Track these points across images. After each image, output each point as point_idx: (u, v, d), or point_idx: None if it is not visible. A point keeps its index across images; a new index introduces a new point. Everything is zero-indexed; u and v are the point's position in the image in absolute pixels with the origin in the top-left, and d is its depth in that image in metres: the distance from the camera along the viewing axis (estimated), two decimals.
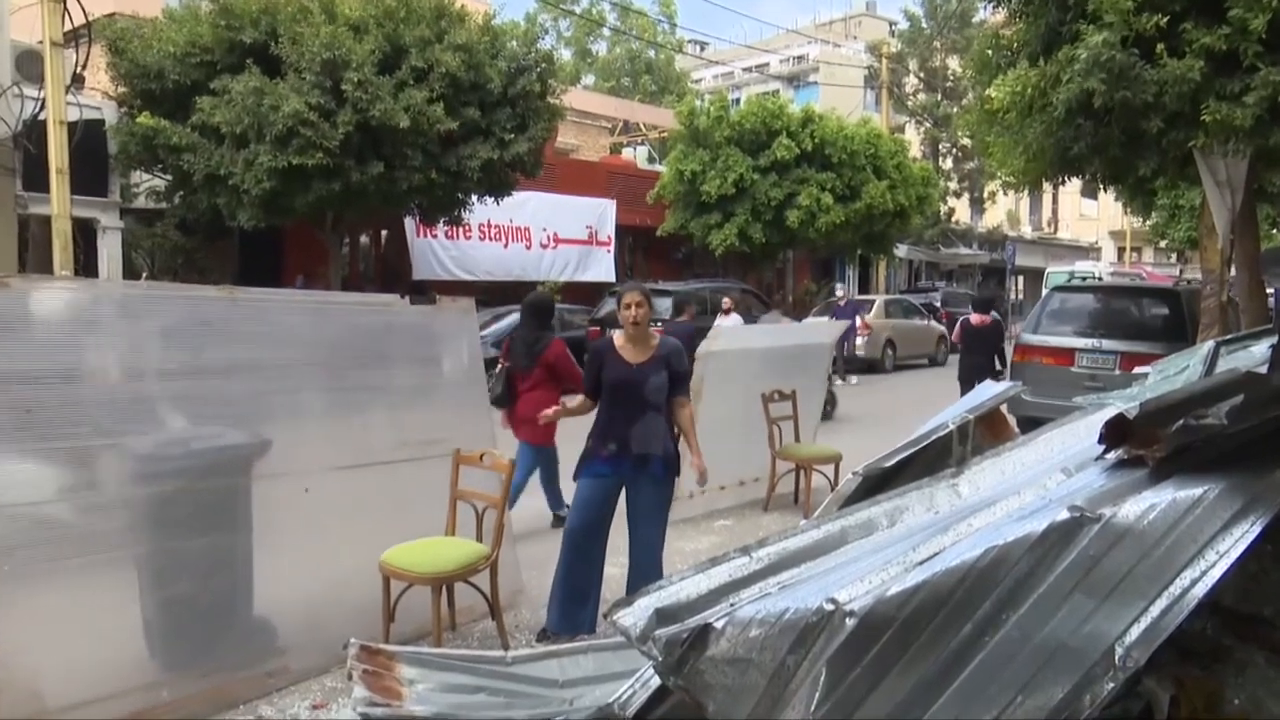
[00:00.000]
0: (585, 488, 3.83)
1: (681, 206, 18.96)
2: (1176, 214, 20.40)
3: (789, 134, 17.89)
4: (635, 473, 3.79)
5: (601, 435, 3.84)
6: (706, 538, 5.64)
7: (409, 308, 4.07)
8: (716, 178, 17.74)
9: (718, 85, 35.98)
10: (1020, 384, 4.09)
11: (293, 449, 3.60)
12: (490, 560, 3.68)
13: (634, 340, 3.87)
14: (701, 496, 6.09)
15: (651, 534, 3.85)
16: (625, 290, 3.87)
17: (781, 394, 6.40)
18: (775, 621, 1.65)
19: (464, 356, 4.37)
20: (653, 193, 19.45)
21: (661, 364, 3.83)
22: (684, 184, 18.34)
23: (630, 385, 3.79)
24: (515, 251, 17.61)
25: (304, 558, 3.62)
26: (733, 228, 17.95)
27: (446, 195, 12.55)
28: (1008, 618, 1.59)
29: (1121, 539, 1.63)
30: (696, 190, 18.10)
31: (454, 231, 15.69)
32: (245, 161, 10.98)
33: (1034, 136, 7.11)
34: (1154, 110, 6.34)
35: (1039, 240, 35.85)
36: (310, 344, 3.75)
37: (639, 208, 19.87)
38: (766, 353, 6.55)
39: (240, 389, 3.50)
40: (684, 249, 21.48)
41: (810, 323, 14.55)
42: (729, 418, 6.12)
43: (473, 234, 16.63)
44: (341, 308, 4.15)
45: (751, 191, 17.80)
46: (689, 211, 18.75)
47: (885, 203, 18.69)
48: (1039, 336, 8.37)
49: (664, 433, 3.85)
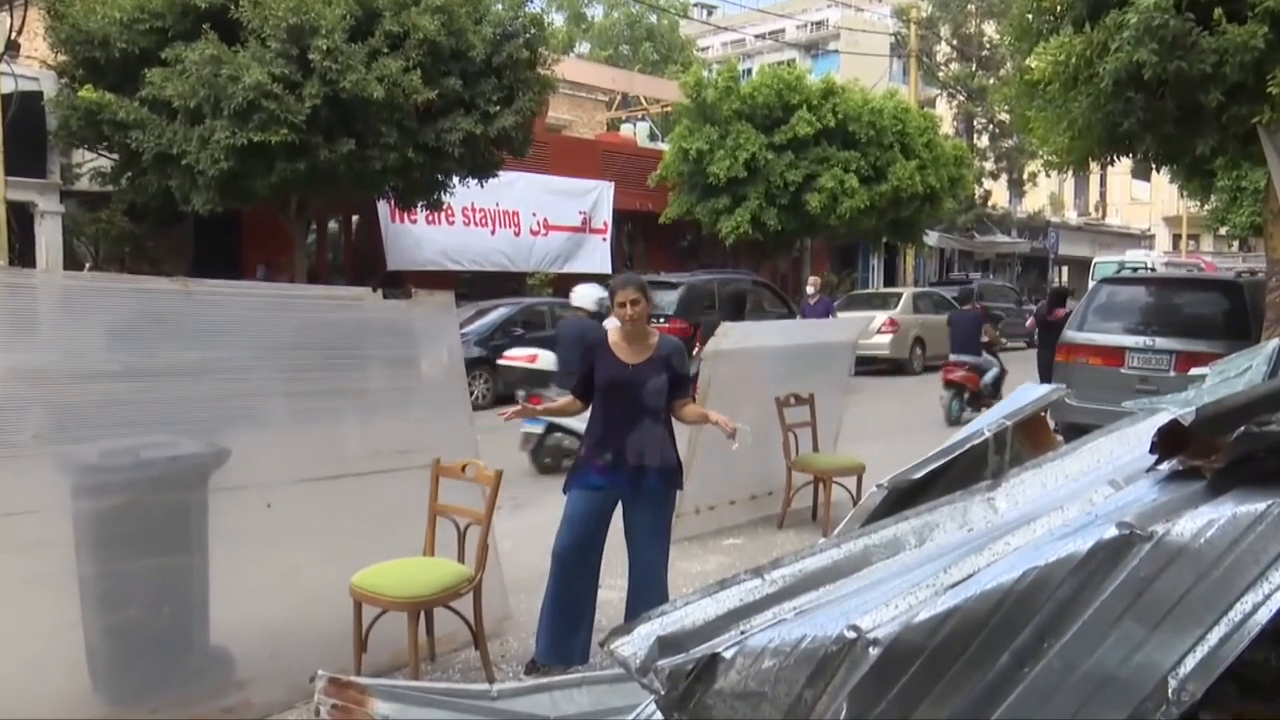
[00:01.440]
0: (577, 501, 3.83)
1: (686, 189, 18.97)
2: (1238, 197, 20.43)
3: (807, 108, 17.91)
4: (633, 486, 3.80)
5: (595, 443, 3.84)
6: (714, 558, 5.64)
7: (382, 302, 4.07)
8: (726, 157, 17.75)
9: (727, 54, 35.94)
10: (1064, 387, 4.09)
11: (253, 459, 3.60)
12: (473, 583, 3.68)
13: (630, 338, 3.87)
14: (709, 512, 6.09)
15: (652, 554, 3.86)
16: (619, 285, 3.88)
17: (798, 398, 6.40)
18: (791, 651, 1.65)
19: (444, 356, 4.37)
20: (654, 174, 19.47)
21: (661, 365, 3.84)
22: (689, 164, 18.36)
23: (625, 387, 3.79)
24: (501, 239, 17.62)
25: (266, 580, 3.62)
26: (744, 213, 17.97)
27: (425, 176, 12.58)
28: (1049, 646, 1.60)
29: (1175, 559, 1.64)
30: (703, 171, 18.12)
31: (433, 216, 15.70)
32: (200, 139, 11.00)
33: (1079, 111, 7.12)
34: (1213, 82, 6.34)
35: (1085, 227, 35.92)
36: (273, 342, 3.75)
37: (639, 191, 19.89)
38: (781, 352, 6.55)
39: (195, 392, 3.50)
40: (689, 237, 21.49)
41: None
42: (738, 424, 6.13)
43: (454, 219, 16.65)
44: (308, 302, 4.15)
45: (765, 172, 17.82)
46: (695, 195, 18.76)
47: (914, 185, 18.71)
48: (1085, 334, 8.35)
49: (664, 441, 3.85)
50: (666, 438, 3.88)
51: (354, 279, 15.87)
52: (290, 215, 13.06)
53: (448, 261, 16.55)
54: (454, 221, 16.60)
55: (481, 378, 12.16)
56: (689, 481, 5.34)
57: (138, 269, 12.83)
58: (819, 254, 24.85)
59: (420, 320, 4.27)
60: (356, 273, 16.56)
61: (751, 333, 6.74)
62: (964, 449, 2.85)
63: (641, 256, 21.57)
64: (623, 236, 21.09)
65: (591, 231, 19.19)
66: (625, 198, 19.64)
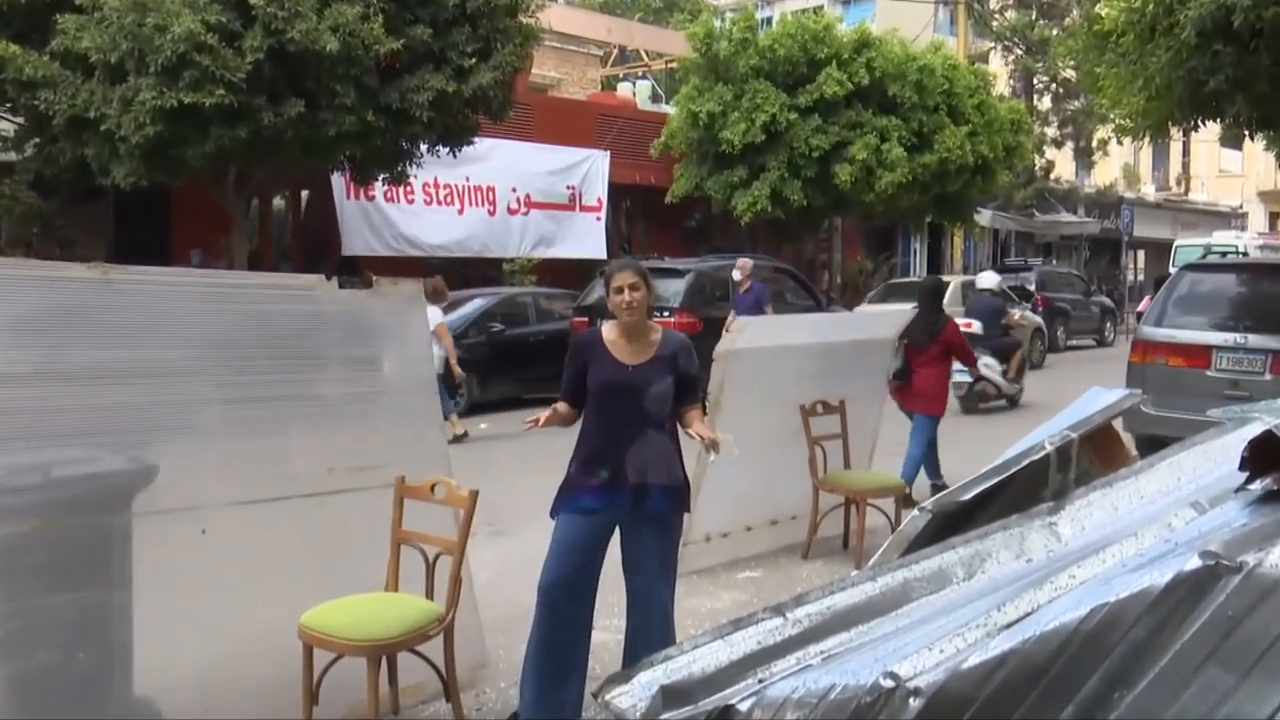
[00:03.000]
0: (567, 527, 3.83)
1: (695, 160, 19.00)
2: None
3: (837, 64, 17.95)
4: (633, 509, 3.80)
5: (588, 459, 3.85)
6: (728, 593, 5.65)
7: (338, 292, 4.08)
8: (741, 121, 17.78)
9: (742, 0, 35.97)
10: (1139, 392, 4.09)
11: (186, 478, 3.61)
12: (444, 623, 3.69)
13: (629, 333, 3.88)
14: (721, 541, 6.11)
15: (655, 589, 3.87)
16: (616, 270, 3.88)
17: (827, 405, 6.41)
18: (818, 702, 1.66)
19: (409, 356, 4.38)
20: (658, 142, 19.50)
21: (666, 365, 3.85)
22: (698, 130, 18.39)
23: (623, 392, 3.80)
24: (475, 219, 17.65)
25: (201, 619, 3.63)
26: (763, 187, 18.01)
27: (386, 144, 12.57)
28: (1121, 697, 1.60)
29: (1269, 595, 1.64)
30: (715, 138, 18.14)
31: (395, 192, 15.72)
32: (122, 100, 11.00)
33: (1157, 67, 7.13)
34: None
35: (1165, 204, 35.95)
36: (209, 340, 3.76)
37: (639, 161, 19.92)
38: (807, 351, 6.56)
39: (116, 399, 3.50)
40: (698, 216, 21.51)
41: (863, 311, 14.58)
42: (757, 437, 6.13)
43: (421, 195, 16.67)
44: (250, 292, 4.16)
45: (787, 140, 17.85)
46: (705, 167, 18.78)
47: (963, 154, 18.76)
48: (1164, 330, 8.35)
49: (670, 456, 3.86)
50: (673, 451, 3.88)
51: (303, 265, 15.89)
52: (228, 190, 13.07)
53: (409, 247, 16.61)
54: (418, 198, 16.62)
55: None
56: (698, 504, 5.37)
57: (47, 252, 12.83)
58: (851, 235, 24.90)
59: (383, 314, 4.28)
60: (306, 258, 16.58)
61: (772, 329, 6.75)
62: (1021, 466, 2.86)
63: (642, 239, 21.59)
64: (620, 215, 21.11)
65: (583, 209, 19.20)
66: (623, 169, 19.66)
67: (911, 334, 7.49)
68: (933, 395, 7.58)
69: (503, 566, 5.77)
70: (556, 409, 3.94)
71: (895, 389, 7.60)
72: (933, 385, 7.57)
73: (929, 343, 7.54)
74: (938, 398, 7.61)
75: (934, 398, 7.55)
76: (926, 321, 7.58)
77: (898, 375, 7.54)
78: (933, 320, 7.64)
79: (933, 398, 7.54)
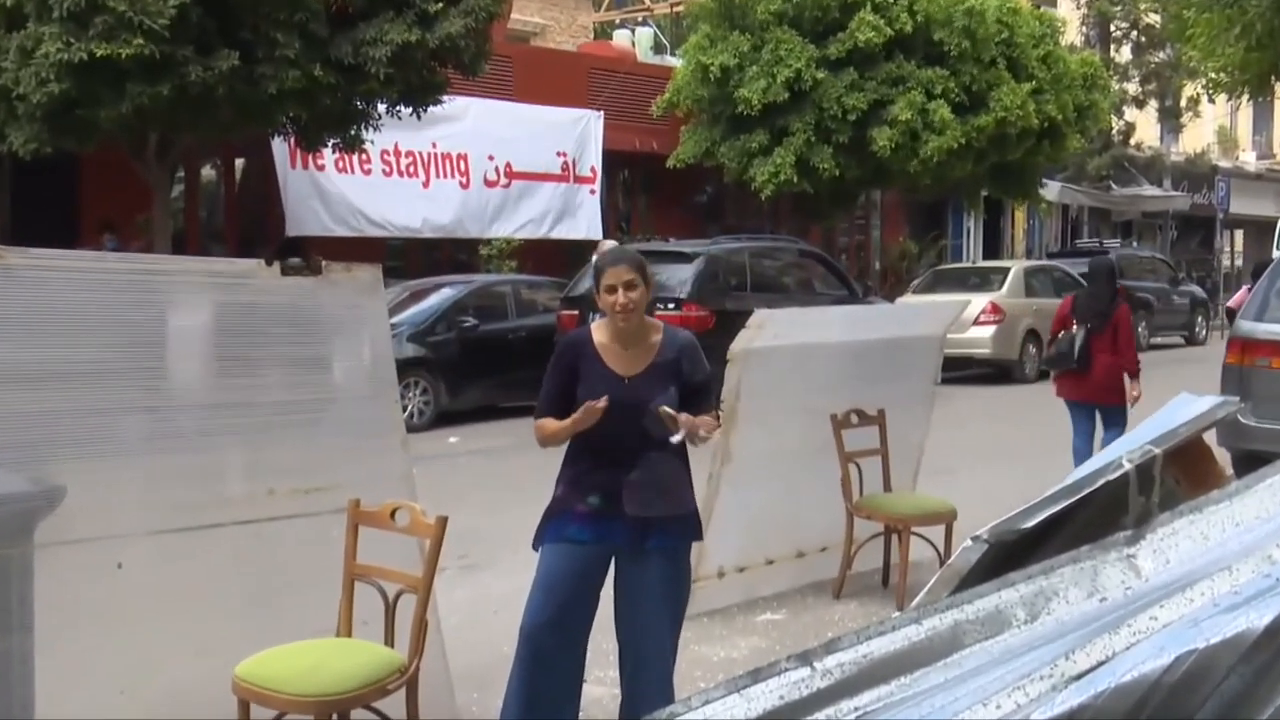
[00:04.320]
0: (554, 560, 3.84)
1: (706, 122, 19.01)
2: None
3: (873, 7, 17.97)
4: (632, 538, 3.81)
5: (578, 481, 3.85)
6: (745, 639, 5.66)
7: (280, 280, 4.07)
8: (761, 76, 17.81)
9: None
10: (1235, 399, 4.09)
11: (99, 502, 3.60)
12: (406, 674, 3.68)
13: (624, 338, 3.88)
14: (737, 576, 6.11)
15: (658, 634, 3.88)
16: (607, 263, 3.87)
17: (863, 415, 6.41)
18: None
19: (366, 356, 4.38)
20: (661, 99, 19.51)
21: (668, 373, 3.85)
22: (710, 87, 18.40)
23: (620, 408, 3.78)
24: (444, 192, 17.66)
25: (116, 669, 3.62)
26: (787, 155, 18.03)
27: (337, 104, 12.59)
28: None
29: None
30: (729, 97, 18.16)
31: (348, 161, 15.75)
32: (20, 52, 11.02)
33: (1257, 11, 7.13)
34: None
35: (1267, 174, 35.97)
36: (125, 338, 3.76)
37: (639, 123, 19.95)
38: (839, 351, 6.56)
39: (15, 407, 3.49)
40: (709, 189, 21.54)
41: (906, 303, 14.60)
42: (780, 453, 6.12)
43: (380, 165, 16.68)
44: (175, 280, 4.14)
45: (816, 98, 17.88)
46: (718, 130, 18.80)
47: (1026, 116, 18.78)
48: (1266, 326, 8.34)
49: (678, 477, 3.87)
50: (681, 474, 3.90)
51: (239, 248, 15.90)
52: (148, 159, 13.08)
53: (367, 225, 16.61)
54: (375, 168, 16.61)
55: (419, 386, 12.19)
56: (710, 532, 5.36)
57: None
58: (892, 213, 24.93)
59: (334, 306, 4.28)
60: (242, 239, 16.59)
61: (797, 323, 6.74)
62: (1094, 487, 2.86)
63: (642, 217, 21.62)
64: (615, 188, 21.14)
65: (576, 181, 19.24)
66: (619, 134, 19.69)
67: (1085, 316, 8.22)
68: (1118, 385, 8.21)
69: (477, 607, 5.77)
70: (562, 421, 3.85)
71: (1066, 376, 8.30)
72: (1115, 374, 8.19)
73: (1103, 326, 8.15)
74: (1120, 385, 8.23)
75: (1119, 388, 8.19)
76: (1101, 302, 8.25)
77: (1066, 362, 8.24)
78: (1107, 301, 8.28)
79: (1118, 388, 8.19)
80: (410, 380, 11.73)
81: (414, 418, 11.57)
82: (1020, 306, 16.88)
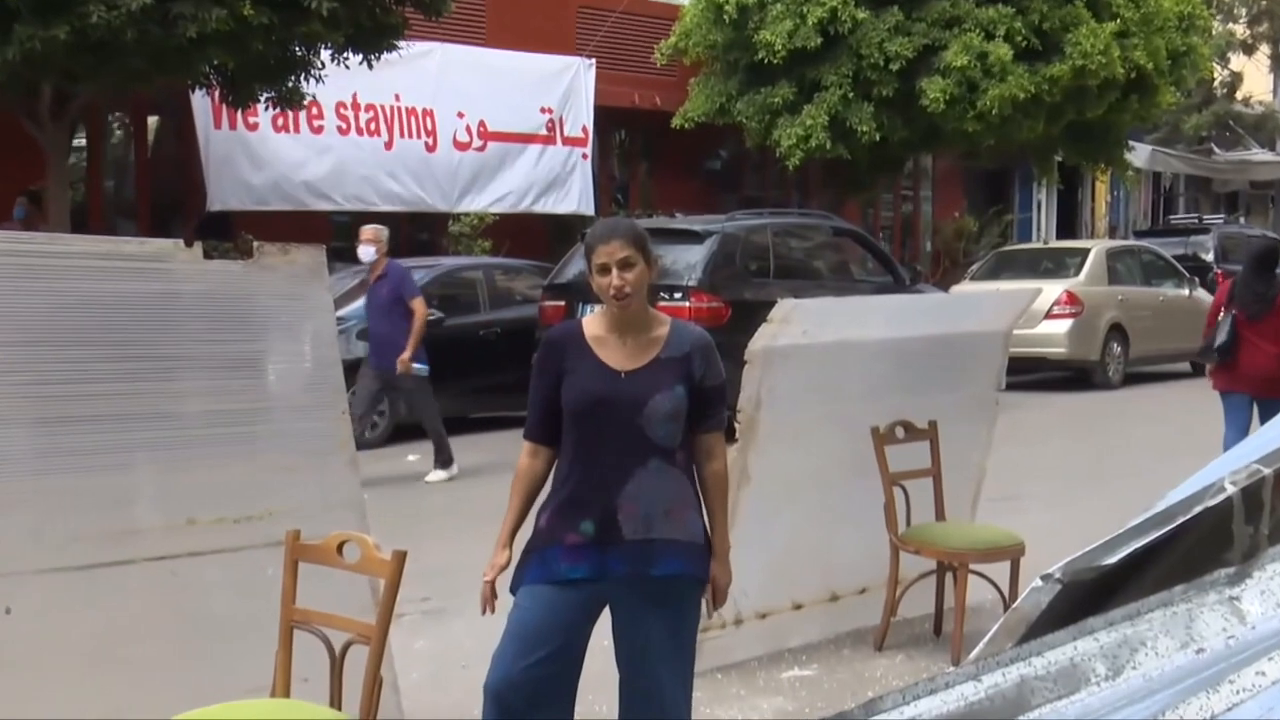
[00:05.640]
0: (531, 606, 3.84)
1: (720, 72, 18.99)
2: None
3: None
4: (631, 575, 3.82)
5: (565, 505, 3.86)
6: (768, 700, 5.65)
7: (203, 264, 4.09)
8: (787, 17, 17.82)
9: None
10: None
11: None
12: None
13: (621, 327, 3.90)
14: (759, 624, 6.11)
15: (664, 691, 3.88)
16: (599, 237, 3.88)
17: (911, 429, 6.41)
18: None
19: (306, 357, 4.39)
20: (666, 44, 19.50)
21: (675, 371, 3.87)
22: (725, 30, 18.39)
23: (614, 409, 3.82)
24: (406, 156, 17.63)
25: None
26: (818, 113, 18.01)
27: (272, 49, 12.57)
28: None
29: None
30: (749, 41, 18.16)
31: (286, 118, 15.72)
32: None
33: None
34: None
35: None
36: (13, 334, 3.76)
37: (639, 74, 19.94)
38: (882, 350, 6.56)
39: None
40: (724, 152, 21.52)
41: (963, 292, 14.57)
42: (809, 475, 6.12)
43: (334, 120, 16.65)
44: (73, 265, 4.12)
45: (853, 44, 17.88)
46: (734, 82, 18.78)
47: (1110, 64, 18.72)
48: None
49: (685, 500, 3.89)
50: (688, 493, 3.91)
51: (152, 224, 15.88)
52: (41, 116, 13.06)
53: (312, 196, 16.59)
54: (322, 127, 16.58)
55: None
56: None
57: None
58: (946, 182, 24.93)
59: (267, 296, 4.28)
60: (156, 214, 16.56)
61: (831, 316, 6.74)
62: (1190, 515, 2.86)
63: (643, 187, 21.61)
64: (610, 153, 21.13)
65: (564, 143, 19.22)
66: (615, 85, 19.69)
67: (1240, 301, 8.97)
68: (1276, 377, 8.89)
69: (441, 661, 5.77)
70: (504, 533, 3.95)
71: (1222, 366, 9.05)
72: (1276, 365, 8.84)
73: (1260, 313, 8.88)
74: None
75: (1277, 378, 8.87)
76: (1258, 288, 8.96)
77: (1220, 351, 8.98)
78: (1266, 285, 8.97)
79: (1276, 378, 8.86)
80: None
81: (366, 431, 11.55)
82: (1102, 296, 16.90)
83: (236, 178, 16.03)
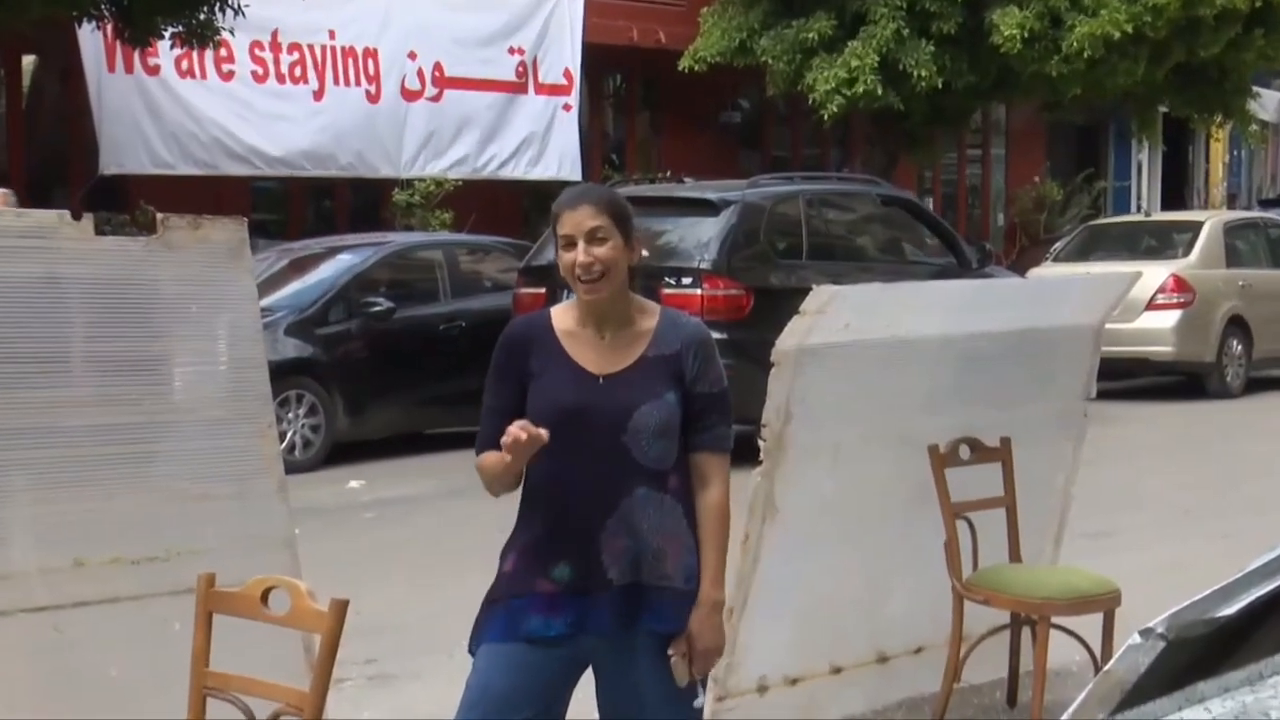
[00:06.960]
0: (490, 668, 3.87)
1: (738, 6, 19.00)
2: None
3: None
4: (616, 625, 3.83)
5: (535, 544, 3.88)
6: None
7: (92, 242, 4.08)
8: None
9: None
10: None
11: None
12: None
13: (597, 318, 3.92)
14: (788, 690, 6.10)
15: None
16: (563, 206, 3.89)
17: (979, 447, 6.41)
18: None
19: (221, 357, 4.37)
20: None
21: (665, 372, 3.90)
22: None
23: (593, 423, 3.84)
24: (345, 107, 17.73)
25: None
26: (863, 52, 17.99)
27: None
28: None
29: None
30: None
31: (196, 61, 15.72)
32: None
33: None
34: None
35: None
36: None
37: (638, 3, 19.96)
38: (942, 349, 6.57)
39: None
40: (745, 102, 21.59)
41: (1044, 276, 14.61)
42: (851, 504, 6.12)
43: (250, 65, 16.69)
44: None
45: None
46: (757, 11, 18.83)
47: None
48: None
49: (680, 533, 3.91)
50: (683, 525, 3.92)
51: (30, 191, 15.88)
52: None
53: (227, 158, 16.60)
54: (232, 73, 16.54)
55: (303, 402, 12.16)
56: (743, 622, 5.34)
57: None
58: (1023, 140, 25.02)
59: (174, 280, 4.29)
60: (35, 177, 16.59)
61: (879, 307, 6.73)
62: None
63: (644, 144, 21.66)
64: (602, 103, 21.18)
65: (540, 91, 19.23)
66: (608, 19, 19.79)
67: None
68: None
69: None
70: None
71: None
72: None
73: None
74: None
75: None
76: None
77: None
78: None
79: None
80: (291, 394, 11.74)
81: (297, 450, 11.58)
82: (1219, 281, 16.99)
83: (134, 133, 16.11)
